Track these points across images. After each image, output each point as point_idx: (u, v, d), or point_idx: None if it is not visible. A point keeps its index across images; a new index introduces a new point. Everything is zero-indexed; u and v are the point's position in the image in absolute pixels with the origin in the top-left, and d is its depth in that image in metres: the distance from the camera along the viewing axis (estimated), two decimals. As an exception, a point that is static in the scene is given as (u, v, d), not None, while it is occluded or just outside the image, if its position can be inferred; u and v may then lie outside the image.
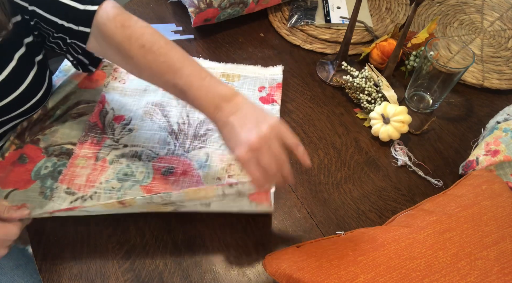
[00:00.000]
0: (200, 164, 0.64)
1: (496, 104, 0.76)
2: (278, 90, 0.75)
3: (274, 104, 0.73)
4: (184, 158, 0.65)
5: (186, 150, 0.65)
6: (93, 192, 0.60)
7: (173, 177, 0.62)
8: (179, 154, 0.65)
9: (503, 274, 0.46)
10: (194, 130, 0.68)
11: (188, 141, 0.66)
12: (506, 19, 0.91)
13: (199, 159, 0.64)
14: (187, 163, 0.64)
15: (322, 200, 0.63)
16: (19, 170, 0.61)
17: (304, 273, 0.47)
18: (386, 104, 0.68)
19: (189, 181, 0.62)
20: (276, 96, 0.74)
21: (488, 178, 0.57)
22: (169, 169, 0.63)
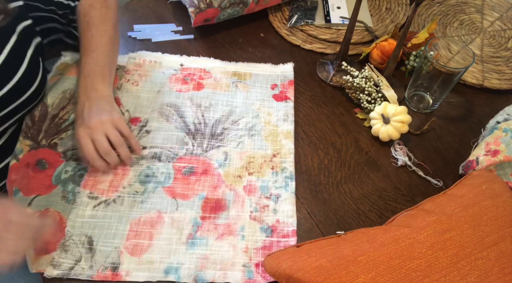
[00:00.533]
0: (220, 162, 0.65)
1: (496, 104, 0.76)
2: (291, 87, 0.76)
3: (288, 102, 0.74)
4: (204, 157, 0.65)
5: (204, 150, 0.66)
6: (116, 196, 0.60)
7: (194, 177, 0.63)
8: (198, 154, 0.65)
9: (503, 274, 0.46)
10: (210, 130, 0.68)
11: (206, 141, 0.67)
12: (506, 19, 0.91)
13: (218, 158, 0.65)
14: (207, 162, 0.65)
15: (322, 200, 0.63)
16: (39, 176, 0.60)
17: (304, 273, 0.47)
18: (386, 104, 0.68)
19: (210, 180, 0.62)
20: (289, 94, 0.75)
21: (488, 178, 0.57)
22: (189, 169, 0.64)
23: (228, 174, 0.63)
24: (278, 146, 0.67)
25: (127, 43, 0.84)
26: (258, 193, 0.62)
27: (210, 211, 0.59)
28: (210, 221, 0.58)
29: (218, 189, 0.62)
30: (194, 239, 0.56)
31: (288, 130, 0.69)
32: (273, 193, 0.62)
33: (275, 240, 0.57)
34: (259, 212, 0.60)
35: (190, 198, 0.60)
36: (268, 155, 0.66)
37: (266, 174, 0.64)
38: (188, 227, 0.57)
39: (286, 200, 0.61)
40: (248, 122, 0.70)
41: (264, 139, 0.68)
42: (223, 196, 0.61)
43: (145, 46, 0.83)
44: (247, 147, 0.67)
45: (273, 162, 0.65)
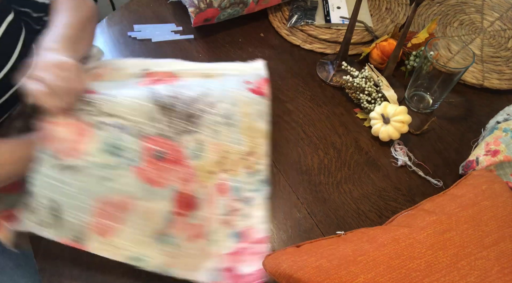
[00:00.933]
0: (193, 153, 0.57)
1: (496, 104, 0.76)
2: (265, 85, 0.68)
3: (263, 98, 0.65)
4: (176, 141, 0.56)
5: (177, 132, 0.56)
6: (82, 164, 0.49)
7: (165, 164, 0.54)
8: (170, 137, 0.56)
9: (503, 274, 0.46)
10: (186, 108, 0.57)
11: (180, 121, 0.57)
12: (506, 19, 0.91)
13: (191, 147, 0.57)
14: (178, 149, 0.56)
15: (322, 200, 0.63)
16: None
17: (304, 273, 0.47)
18: (386, 104, 0.68)
19: (181, 172, 0.55)
20: (264, 90, 0.66)
21: (488, 178, 0.57)
22: (160, 153, 0.54)
23: (201, 167, 0.57)
24: (254, 144, 0.62)
25: (127, 43, 0.84)
26: (230, 194, 0.57)
27: (183, 208, 0.54)
28: (183, 219, 0.53)
29: (189, 183, 0.55)
30: (164, 235, 0.52)
31: (263, 130, 0.63)
32: (245, 196, 0.57)
33: (246, 247, 0.54)
34: (229, 215, 0.56)
35: (162, 186, 0.53)
36: (244, 151, 0.60)
37: (239, 173, 0.58)
38: (160, 221, 0.52)
39: (259, 205, 0.57)
40: (226, 109, 0.60)
41: (241, 132, 0.60)
42: (194, 192, 0.55)
43: (145, 46, 0.83)
44: (224, 137, 0.59)
45: (248, 161, 0.60)
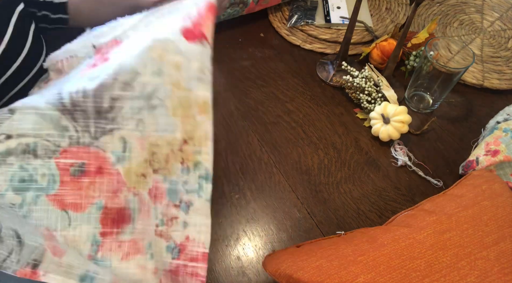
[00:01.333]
0: (117, 155, 0.46)
1: (496, 104, 0.76)
2: (209, 18, 0.50)
3: (204, 44, 0.48)
4: (95, 148, 0.46)
5: (93, 136, 0.46)
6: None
7: (87, 178, 0.45)
8: (85, 143, 0.46)
9: (503, 274, 0.46)
10: (94, 103, 0.46)
11: (92, 121, 0.46)
12: (506, 19, 0.91)
13: (115, 149, 0.47)
14: (100, 155, 0.46)
15: (322, 200, 0.63)
16: None
17: (304, 273, 0.47)
18: (386, 104, 0.68)
19: (108, 182, 0.46)
20: (206, 29, 0.49)
21: (488, 178, 0.57)
22: (79, 166, 0.45)
23: (130, 171, 0.47)
24: (191, 126, 0.47)
25: (127, 43, 0.84)
26: (165, 200, 0.47)
27: (112, 225, 0.46)
28: (113, 237, 0.46)
29: (119, 194, 0.46)
30: (95, 260, 0.45)
31: (205, 99, 0.46)
32: (183, 199, 0.47)
33: (182, 264, 0.46)
34: (166, 225, 0.47)
35: (84, 209, 0.46)
36: (177, 140, 0.46)
37: (174, 170, 0.47)
38: (86, 247, 0.45)
39: (199, 210, 0.47)
40: (147, 84, 0.45)
41: (172, 113, 0.46)
42: (125, 203, 0.46)
43: (145, 46, 0.83)
44: (149, 127, 0.46)
45: (183, 152, 0.47)
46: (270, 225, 0.60)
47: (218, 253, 0.57)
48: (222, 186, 0.64)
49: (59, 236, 0.44)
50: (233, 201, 0.62)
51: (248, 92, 0.77)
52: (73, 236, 0.45)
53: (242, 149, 0.68)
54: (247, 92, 0.77)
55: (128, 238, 0.46)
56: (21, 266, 0.43)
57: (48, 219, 0.44)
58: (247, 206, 0.62)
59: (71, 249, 0.44)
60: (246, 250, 0.58)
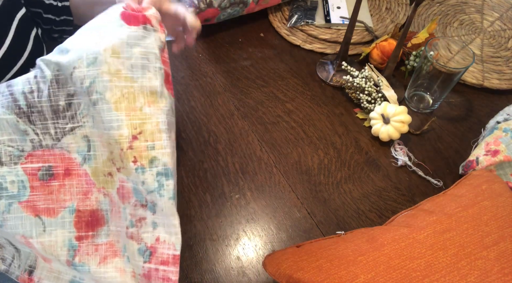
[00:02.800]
0: (83, 155, 0.44)
1: (496, 104, 0.76)
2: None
3: (147, 27, 0.43)
4: (59, 149, 0.44)
5: (54, 137, 0.44)
6: None
7: (56, 181, 0.44)
8: (49, 145, 0.44)
9: (503, 274, 0.46)
10: (49, 101, 0.43)
11: (50, 122, 0.44)
12: (506, 19, 0.91)
13: (80, 148, 0.44)
14: (66, 157, 0.44)
15: (322, 200, 0.63)
16: None
17: (304, 273, 0.47)
18: (386, 104, 0.68)
19: (77, 184, 0.45)
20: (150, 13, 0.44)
21: (488, 178, 0.57)
22: (46, 169, 0.44)
23: (97, 171, 0.44)
24: (139, 119, 0.42)
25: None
26: (132, 199, 0.44)
27: (87, 228, 0.44)
28: (89, 241, 0.44)
29: (89, 195, 0.45)
30: (73, 265, 0.44)
31: (152, 89, 0.42)
32: (148, 200, 0.43)
33: (153, 268, 0.43)
34: (136, 226, 0.44)
35: (58, 214, 0.44)
36: (124, 136, 0.41)
37: (130, 170, 0.42)
38: (63, 253, 0.44)
39: (164, 210, 0.42)
40: (84, 78, 0.41)
41: (114, 108, 0.41)
42: (97, 204, 0.45)
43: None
44: (99, 125, 0.43)
45: (134, 149, 0.42)
46: (270, 225, 0.60)
47: (218, 253, 0.57)
48: (222, 186, 0.64)
49: (36, 243, 0.43)
50: (233, 201, 0.62)
51: (248, 92, 0.77)
52: (49, 242, 0.43)
53: (242, 149, 0.68)
54: (247, 92, 0.77)
55: (104, 240, 0.44)
56: (21, 271, 0.44)
57: (23, 227, 0.43)
58: (247, 206, 0.62)
59: (50, 256, 0.43)
60: (246, 250, 0.58)
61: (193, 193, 0.63)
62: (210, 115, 0.73)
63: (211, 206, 0.62)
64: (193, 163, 0.66)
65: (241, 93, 0.77)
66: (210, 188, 0.63)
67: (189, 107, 0.74)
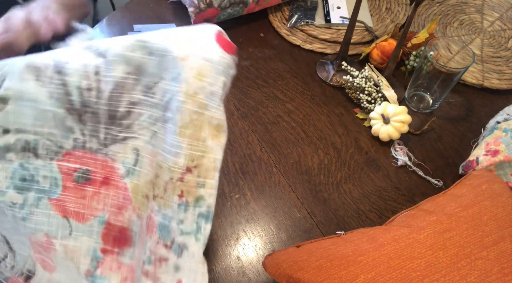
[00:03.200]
0: (128, 167, 0.41)
1: (496, 104, 0.76)
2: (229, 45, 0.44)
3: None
4: (103, 155, 0.41)
5: (102, 143, 0.41)
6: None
7: (91, 187, 0.42)
8: (92, 149, 0.41)
9: (503, 274, 0.46)
10: (108, 105, 0.40)
11: (102, 127, 0.41)
12: (506, 19, 0.91)
13: (126, 159, 0.42)
14: (109, 164, 0.42)
15: (322, 200, 0.63)
16: None
17: (304, 273, 0.47)
18: (386, 104, 0.68)
19: (114, 196, 0.42)
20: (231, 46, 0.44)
21: (488, 178, 0.57)
22: (83, 173, 0.41)
23: (137, 189, 0.41)
24: (199, 151, 0.38)
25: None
26: (155, 235, 0.40)
27: (114, 243, 0.42)
28: (113, 257, 0.42)
29: (123, 211, 0.42)
30: (93, 277, 0.42)
31: (220, 122, 0.39)
32: (176, 241, 0.39)
33: None
34: (153, 265, 0.40)
35: (87, 220, 0.42)
36: (178, 166, 0.38)
37: (169, 203, 0.39)
38: (85, 261, 0.42)
39: (195, 256, 0.39)
40: (167, 91, 0.39)
41: (178, 132, 0.38)
42: (129, 223, 0.42)
43: (145, 46, 0.83)
44: (160, 143, 0.40)
45: (184, 183, 0.39)
46: (270, 225, 0.60)
47: (218, 253, 0.57)
48: (222, 186, 0.64)
49: (59, 245, 0.41)
50: (233, 201, 0.62)
51: (248, 92, 0.77)
52: (73, 247, 0.41)
53: (242, 149, 0.68)
54: (247, 92, 0.77)
55: (128, 262, 0.41)
56: (15, 273, 0.41)
57: (49, 225, 0.41)
58: (247, 206, 0.62)
59: (64, 265, 0.41)
60: (246, 250, 0.58)
61: (193, 193, 0.63)
62: (210, 115, 0.73)
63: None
64: (193, 163, 0.66)
65: (241, 93, 0.77)
66: (210, 188, 0.63)
67: (189, 107, 0.74)
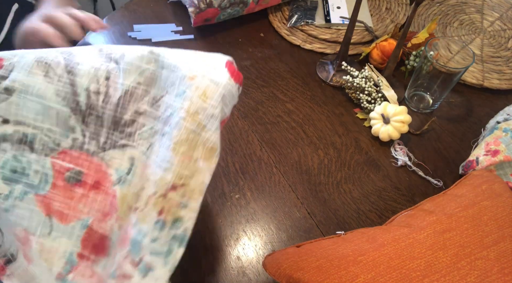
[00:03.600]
0: (120, 175, 0.41)
1: (496, 104, 0.76)
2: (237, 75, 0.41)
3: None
4: (99, 159, 0.41)
5: (101, 146, 0.41)
6: None
7: (81, 189, 0.41)
8: (90, 151, 0.41)
9: (503, 274, 0.46)
10: (114, 111, 0.41)
11: (104, 131, 0.41)
12: (506, 19, 0.91)
13: (120, 167, 0.41)
14: (102, 169, 0.41)
15: (322, 200, 0.63)
16: None
17: (304, 273, 0.47)
18: (386, 104, 0.68)
19: (101, 202, 0.41)
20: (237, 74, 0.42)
21: (488, 178, 0.57)
22: (75, 174, 0.41)
23: (125, 198, 0.41)
24: (189, 170, 0.37)
25: (127, 43, 0.84)
26: (126, 249, 0.38)
27: (92, 250, 0.41)
28: (88, 264, 0.41)
29: (107, 219, 0.41)
30: (64, 281, 0.40)
31: (214, 145, 0.38)
32: (144, 259, 0.37)
33: None
34: (116, 279, 0.38)
35: (70, 222, 0.41)
36: (165, 182, 0.37)
37: (148, 218, 0.37)
38: (59, 263, 0.40)
39: (158, 281, 0.37)
40: (170, 106, 0.40)
41: (172, 147, 0.38)
42: (110, 232, 0.41)
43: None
44: (153, 156, 0.40)
45: (166, 200, 0.37)
46: (270, 225, 0.60)
47: (218, 253, 0.57)
48: (222, 186, 0.64)
49: (35, 242, 0.40)
50: (233, 201, 0.62)
51: (248, 92, 0.77)
52: (50, 247, 0.40)
53: (242, 149, 0.68)
54: (247, 92, 0.77)
55: (100, 272, 0.40)
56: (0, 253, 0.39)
57: (29, 220, 0.40)
58: (247, 206, 0.62)
59: (38, 262, 0.40)
60: (246, 250, 0.58)
61: (193, 193, 0.63)
62: (210, 115, 0.73)
63: (211, 206, 0.62)
64: (193, 163, 0.66)
65: (241, 93, 0.77)
66: (210, 188, 0.63)
67: (189, 107, 0.74)
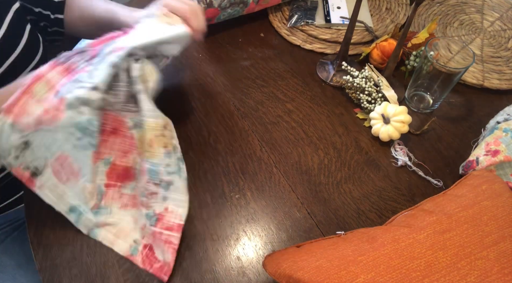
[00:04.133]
0: (136, 122, 0.50)
1: (496, 104, 0.76)
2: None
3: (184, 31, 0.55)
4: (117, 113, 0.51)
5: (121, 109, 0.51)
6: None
7: (103, 136, 0.51)
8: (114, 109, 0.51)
9: (503, 274, 0.46)
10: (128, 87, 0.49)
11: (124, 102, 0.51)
12: (506, 19, 0.91)
13: (133, 118, 0.51)
14: (119, 118, 0.50)
15: (322, 200, 0.63)
16: None
17: (304, 273, 0.47)
18: (386, 104, 0.68)
19: (120, 143, 0.51)
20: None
21: (488, 178, 0.57)
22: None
23: (142, 138, 0.50)
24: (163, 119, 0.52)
25: (127, 43, 0.84)
26: (145, 177, 0.50)
27: (117, 179, 0.52)
28: (115, 189, 0.52)
29: (128, 155, 0.51)
30: (99, 208, 0.51)
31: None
32: (163, 180, 0.50)
33: (157, 231, 0.50)
34: (146, 197, 0.51)
35: (99, 161, 0.51)
36: (160, 126, 0.50)
37: (157, 154, 0.49)
38: (93, 197, 0.51)
39: (179, 188, 0.51)
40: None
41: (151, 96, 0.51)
42: (133, 163, 0.52)
43: (145, 46, 0.83)
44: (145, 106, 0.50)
45: (165, 137, 0.50)
46: (270, 225, 0.60)
47: (218, 253, 0.57)
48: (222, 186, 0.64)
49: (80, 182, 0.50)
50: (233, 201, 0.62)
51: (248, 92, 0.77)
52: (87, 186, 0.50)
53: (242, 149, 0.68)
54: (247, 92, 0.77)
55: (129, 192, 0.52)
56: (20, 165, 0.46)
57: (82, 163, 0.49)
58: (247, 206, 0.62)
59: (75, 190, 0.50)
60: (246, 250, 0.58)
61: (193, 193, 0.62)
62: (210, 115, 0.73)
63: (211, 206, 0.62)
64: (193, 163, 0.66)
65: (241, 93, 0.77)
66: (210, 188, 0.63)
67: (189, 107, 0.74)
